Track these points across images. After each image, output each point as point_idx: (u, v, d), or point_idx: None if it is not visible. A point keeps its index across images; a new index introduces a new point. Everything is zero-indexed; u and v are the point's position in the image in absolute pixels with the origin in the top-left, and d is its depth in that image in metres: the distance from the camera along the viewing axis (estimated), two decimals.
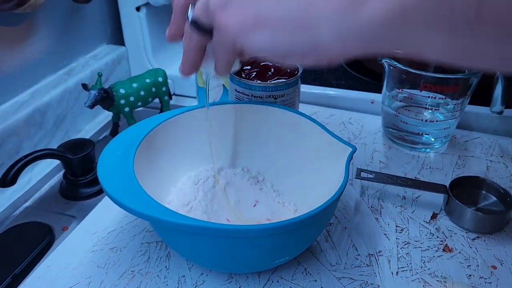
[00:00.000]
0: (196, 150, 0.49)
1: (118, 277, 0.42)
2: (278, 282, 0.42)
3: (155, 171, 0.45)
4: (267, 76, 0.54)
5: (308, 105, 0.71)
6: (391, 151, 0.61)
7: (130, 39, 0.75)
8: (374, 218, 0.50)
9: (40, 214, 0.53)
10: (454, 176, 0.56)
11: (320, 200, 0.40)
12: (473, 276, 0.43)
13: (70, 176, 0.54)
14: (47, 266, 0.43)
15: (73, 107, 0.66)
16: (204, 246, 0.36)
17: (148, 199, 0.35)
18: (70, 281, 0.42)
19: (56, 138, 0.64)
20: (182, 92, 0.79)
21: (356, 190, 0.54)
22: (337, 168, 0.42)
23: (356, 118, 0.68)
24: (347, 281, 0.42)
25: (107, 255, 0.45)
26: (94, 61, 0.71)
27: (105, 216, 0.49)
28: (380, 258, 0.45)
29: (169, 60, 0.80)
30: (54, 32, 0.64)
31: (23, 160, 0.48)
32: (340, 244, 0.46)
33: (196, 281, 0.42)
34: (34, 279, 0.42)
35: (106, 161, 0.39)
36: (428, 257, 0.45)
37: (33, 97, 0.60)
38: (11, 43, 0.57)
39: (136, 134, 0.43)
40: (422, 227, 0.48)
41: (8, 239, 0.48)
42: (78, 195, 0.54)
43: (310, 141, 0.47)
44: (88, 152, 0.53)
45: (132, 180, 0.37)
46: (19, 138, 0.57)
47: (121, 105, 0.62)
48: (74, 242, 0.46)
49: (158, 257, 0.44)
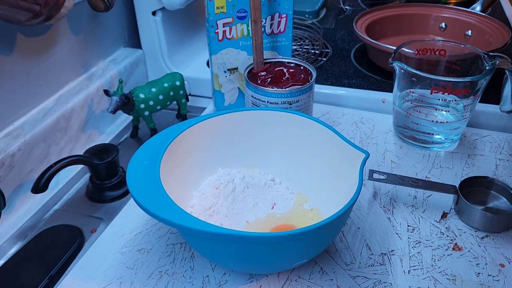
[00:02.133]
0: (216, 155, 0.52)
1: (146, 277, 0.45)
2: (296, 281, 0.45)
3: (178, 177, 0.48)
4: (281, 82, 0.57)
5: (320, 104, 0.73)
6: (402, 151, 0.63)
7: (147, 42, 0.78)
8: (387, 218, 0.52)
9: (69, 216, 0.56)
10: (463, 175, 0.58)
11: (335, 201, 0.43)
12: (481, 274, 0.45)
13: (96, 180, 0.57)
14: (80, 268, 0.47)
15: (95, 111, 0.69)
16: (227, 250, 0.39)
17: (176, 208, 0.38)
18: (102, 282, 0.45)
19: (80, 141, 0.67)
20: (198, 92, 0.81)
21: (369, 190, 0.56)
22: (352, 172, 0.44)
23: (368, 118, 0.70)
24: (362, 280, 0.45)
25: (135, 257, 0.48)
26: (113, 66, 0.74)
27: (131, 218, 0.52)
28: (393, 257, 0.47)
29: (185, 62, 0.83)
30: (75, 39, 0.67)
31: (53, 167, 0.51)
32: (354, 244, 0.49)
33: (219, 280, 0.45)
34: (69, 280, 0.45)
35: (134, 172, 0.42)
36: (438, 256, 0.47)
37: (57, 103, 0.63)
38: (37, 52, 0.60)
39: (160, 144, 0.46)
40: (433, 226, 0.51)
41: (42, 241, 0.51)
42: (104, 198, 0.57)
43: (325, 146, 0.49)
44: (113, 157, 0.56)
45: (160, 190, 0.40)
46: (47, 144, 0.60)
47: (141, 109, 0.65)
48: (103, 244, 0.49)
49: (183, 258, 0.47)
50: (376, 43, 0.76)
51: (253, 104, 0.56)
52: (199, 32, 0.88)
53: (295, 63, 0.59)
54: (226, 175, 0.51)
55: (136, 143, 0.70)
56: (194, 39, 0.86)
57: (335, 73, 0.80)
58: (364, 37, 0.78)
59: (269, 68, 0.58)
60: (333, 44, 0.91)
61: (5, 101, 0.56)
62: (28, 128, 0.58)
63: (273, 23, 0.62)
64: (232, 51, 0.63)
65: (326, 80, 0.77)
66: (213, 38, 0.62)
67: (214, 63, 0.64)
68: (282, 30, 0.63)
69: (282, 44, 0.64)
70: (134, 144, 0.70)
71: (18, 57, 0.57)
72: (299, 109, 0.55)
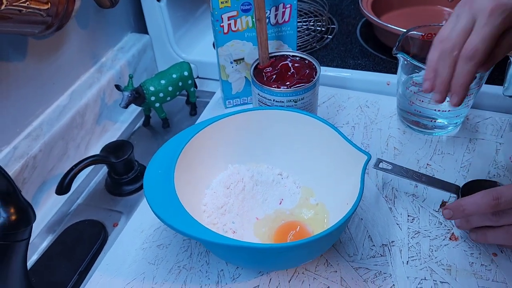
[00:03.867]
0: (226, 153, 0.55)
1: (167, 272, 0.50)
2: (303, 274, 0.49)
3: (191, 176, 0.51)
4: (287, 77, 0.58)
5: (326, 87, 0.74)
6: (405, 136, 0.65)
7: (153, 28, 0.78)
8: (388, 208, 0.55)
9: (91, 211, 0.60)
10: (464, 161, 0.60)
11: (339, 197, 0.46)
12: (475, 263, 0.48)
13: (114, 175, 0.61)
14: (106, 264, 0.51)
15: (108, 102, 0.71)
16: (239, 256, 0.43)
17: (192, 221, 0.41)
18: (128, 277, 0.50)
19: (95, 134, 0.70)
20: (205, 75, 0.83)
21: (372, 179, 0.59)
22: (355, 171, 0.46)
23: (373, 101, 0.71)
24: (363, 271, 0.49)
25: (155, 252, 0.52)
26: (121, 55, 0.75)
27: (148, 214, 0.56)
28: (393, 248, 0.51)
29: (191, 45, 0.83)
30: (83, 33, 0.68)
31: (74, 170, 0.54)
32: (357, 235, 0.52)
33: (233, 274, 0.49)
34: (97, 277, 0.50)
35: (150, 183, 0.45)
36: (435, 246, 0.50)
37: (71, 99, 0.65)
38: (48, 53, 0.61)
39: (173, 150, 0.48)
40: (432, 216, 0.54)
41: (69, 237, 0.55)
42: (122, 192, 0.61)
43: (329, 145, 0.51)
44: (129, 155, 0.59)
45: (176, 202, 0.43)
46: (65, 141, 0.63)
47: (152, 101, 0.67)
48: (125, 241, 0.53)
49: (199, 253, 0.52)
50: (382, 24, 0.76)
51: (260, 101, 0.57)
52: (204, 13, 0.88)
53: (300, 57, 0.60)
54: (236, 174, 0.54)
55: (149, 131, 0.73)
56: (199, 20, 0.86)
57: (340, 53, 0.80)
58: (370, 16, 0.78)
59: (274, 63, 0.60)
60: (339, 18, 0.91)
61: (22, 103, 0.59)
62: (46, 128, 0.61)
63: (277, 14, 0.63)
64: (237, 43, 0.64)
65: (331, 61, 0.78)
66: (218, 32, 0.63)
67: (220, 55, 0.65)
68: (287, 19, 0.63)
69: (287, 34, 0.65)
70: (147, 133, 0.73)
71: (31, 61, 0.59)
72: (304, 105, 0.57)
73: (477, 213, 0.45)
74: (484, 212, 0.44)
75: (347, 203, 0.44)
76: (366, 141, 0.64)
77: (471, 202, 0.44)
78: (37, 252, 0.56)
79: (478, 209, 0.44)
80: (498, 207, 0.42)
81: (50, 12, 0.49)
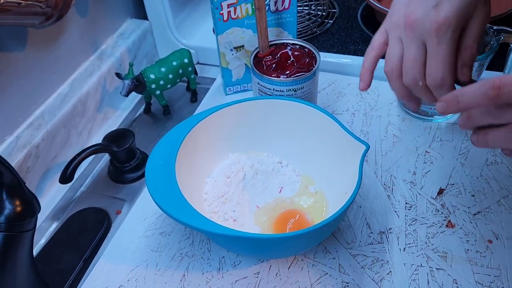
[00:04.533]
0: (226, 142, 0.56)
1: (169, 259, 0.51)
2: (302, 261, 0.50)
3: (192, 165, 0.52)
4: (286, 65, 0.58)
5: (326, 73, 0.74)
6: (404, 123, 0.65)
7: (153, 13, 0.78)
8: (386, 196, 0.56)
9: (94, 198, 0.61)
10: (462, 148, 0.60)
11: (338, 186, 0.47)
12: (470, 250, 0.50)
13: (116, 163, 0.62)
14: (110, 251, 0.52)
15: (109, 90, 0.72)
16: (239, 245, 0.44)
17: (192, 211, 0.42)
18: (132, 264, 0.51)
19: (97, 121, 0.70)
20: (205, 61, 0.82)
21: (371, 166, 0.59)
22: (354, 160, 0.47)
23: (373, 87, 0.71)
24: (361, 258, 0.50)
25: (158, 240, 0.53)
26: (121, 41, 0.75)
27: (150, 202, 0.56)
28: (390, 235, 0.52)
29: (191, 31, 0.83)
30: (82, 21, 0.68)
31: (77, 158, 0.55)
32: (356, 223, 0.53)
33: (234, 261, 0.50)
34: (102, 264, 0.51)
35: (152, 173, 0.46)
36: (432, 233, 0.51)
37: (72, 88, 0.66)
38: (48, 42, 0.61)
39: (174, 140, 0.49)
40: (429, 203, 0.55)
41: (73, 225, 0.56)
42: (124, 180, 0.62)
43: (329, 134, 0.52)
44: (130, 143, 0.59)
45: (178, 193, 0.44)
46: (67, 129, 0.64)
47: (152, 89, 0.68)
48: (129, 228, 0.55)
49: (200, 240, 0.53)
50: (383, 8, 0.75)
51: (260, 90, 0.58)
52: None
53: (300, 45, 0.60)
54: (236, 164, 0.54)
55: (150, 118, 0.74)
56: (199, 5, 0.85)
57: (341, 38, 0.80)
58: (371, 0, 0.77)
59: (274, 51, 0.60)
60: (340, 2, 0.90)
61: (24, 93, 0.59)
62: (48, 117, 0.61)
63: (277, 1, 0.62)
64: (237, 30, 0.64)
65: (332, 47, 0.78)
66: (218, 19, 0.62)
67: (220, 42, 0.65)
68: (287, 7, 0.63)
69: (287, 21, 0.65)
70: (148, 120, 0.73)
71: (31, 51, 0.59)
72: (304, 94, 0.57)
73: (474, 105, 0.36)
74: (482, 103, 0.35)
75: (346, 193, 0.45)
76: (365, 128, 0.65)
77: (467, 92, 0.36)
78: (45, 237, 0.57)
79: (475, 100, 0.35)
80: (500, 98, 0.34)
81: (49, 3, 0.49)
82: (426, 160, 0.59)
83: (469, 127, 0.39)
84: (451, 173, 0.57)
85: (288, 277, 0.48)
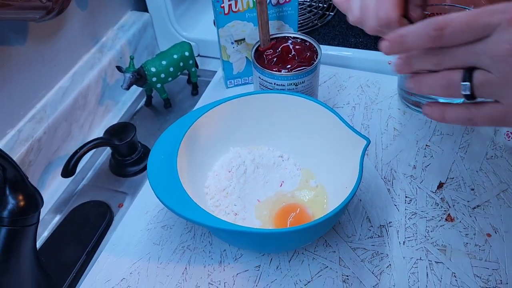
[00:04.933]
0: (227, 136, 0.56)
1: (171, 252, 0.52)
2: (303, 254, 0.50)
3: (193, 159, 0.52)
4: (288, 59, 0.58)
5: (327, 66, 0.74)
6: (405, 117, 0.65)
7: (153, 5, 0.78)
8: (386, 189, 0.56)
9: (96, 191, 0.61)
10: (462, 142, 0.61)
11: (339, 180, 0.47)
12: (469, 244, 0.50)
13: (118, 156, 0.62)
14: (112, 244, 0.53)
15: (109, 82, 0.72)
16: (239, 239, 0.44)
17: (193, 205, 0.43)
18: (134, 257, 0.51)
19: (98, 114, 0.70)
20: (206, 53, 0.82)
21: (371, 160, 0.60)
22: (355, 154, 0.47)
23: (373, 80, 0.71)
24: (361, 251, 0.50)
25: (160, 233, 0.54)
26: (122, 34, 0.75)
27: (152, 196, 0.56)
28: (390, 229, 0.52)
29: (192, 24, 0.83)
30: (83, 14, 0.67)
31: (78, 152, 0.55)
32: (356, 216, 0.54)
33: (235, 254, 0.51)
34: (104, 257, 0.52)
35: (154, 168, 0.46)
36: (431, 227, 0.52)
37: (73, 81, 0.66)
38: (49, 35, 0.61)
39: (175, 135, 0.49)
40: (429, 197, 0.55)
41: (76, 219, 0.57)
42: (126, 173, 0.62)
43: (329, 128, 0.52)
44: (132, 137, 0.60)
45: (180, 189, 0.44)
46: (68, 122, 0.64)
47: (153, 82, 0.68)
48: (131, 221, 0.55)
49: (202, 234, 0.53)
50: None
51: (261, 84, 0.58)
52: None
53: (301, 39, 0.60)
54: (237, 158, 0.55)
55: (151, 111, 0.74)
56: None
57: (342, 30, 0.80)
58: None
59: (275, 45, 0.59)
60: None
61: (25, 86, 0.59)
62: (50, 110, 0.61)
63: None
64: (238, 23, 0.64)
65: (333, 40, 0.77)
66: (219, 13, 0.62)
67: (221, 35, 0.65)
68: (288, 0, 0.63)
69: (288, 14, 0.64)
70: (150, 112, 0.73)
71: (31, 44, 0.59)
72: (305, 89, 0.57)
73: (417, 46, 0.34)
74: (425, 44, 0.33)
75: (346, 187, 0.45)
76: (366, 122, 0.65)
77: (411, 31, 0.34)
78: (48, 229, 0.58)
79: (418, 40, 0.33)
80: (441, 40, 0.32)
81: None
82: (426, 153, 0.60)
83: (406, 72, 0.37)
84: (451, 167, 0.58)
85: (289, 270, 0.49)
